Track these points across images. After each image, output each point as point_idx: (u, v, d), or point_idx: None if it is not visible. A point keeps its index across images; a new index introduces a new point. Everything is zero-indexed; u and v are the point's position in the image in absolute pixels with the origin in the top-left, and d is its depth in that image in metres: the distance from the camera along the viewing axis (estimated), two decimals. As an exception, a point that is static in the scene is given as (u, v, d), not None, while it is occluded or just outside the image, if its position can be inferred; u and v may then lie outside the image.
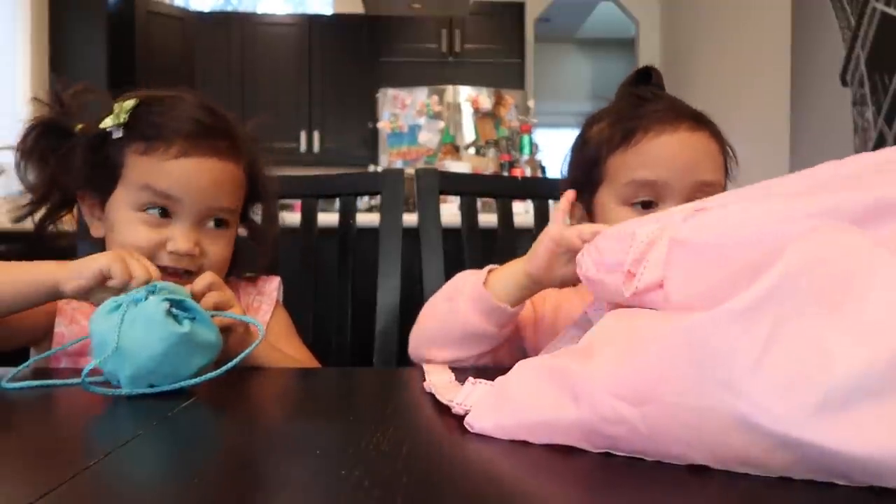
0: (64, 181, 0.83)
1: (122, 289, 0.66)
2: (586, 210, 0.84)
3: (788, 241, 0.37)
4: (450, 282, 0.80)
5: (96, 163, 0.81)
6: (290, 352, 0.85)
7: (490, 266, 0.77)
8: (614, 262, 0.56)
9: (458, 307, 0.75)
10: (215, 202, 0.80)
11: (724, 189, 0.81)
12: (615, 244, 0.57)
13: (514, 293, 0.73)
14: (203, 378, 0.60)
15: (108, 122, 0.79)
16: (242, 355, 0.62)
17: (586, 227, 0.66)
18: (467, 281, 0.76)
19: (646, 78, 0.86)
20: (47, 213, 0.85)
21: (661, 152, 0.77)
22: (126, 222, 0.79)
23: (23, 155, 0.82)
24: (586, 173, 0.82)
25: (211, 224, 0.81)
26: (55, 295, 0.69)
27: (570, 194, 0.76)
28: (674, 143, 0.77)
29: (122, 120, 0.79)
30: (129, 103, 0.80)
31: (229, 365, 0.61)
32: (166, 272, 0.77)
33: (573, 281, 0.70)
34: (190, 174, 0.78)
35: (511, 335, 0.79)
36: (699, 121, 0.80)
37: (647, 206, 0.77)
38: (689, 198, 0.75)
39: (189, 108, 0.82)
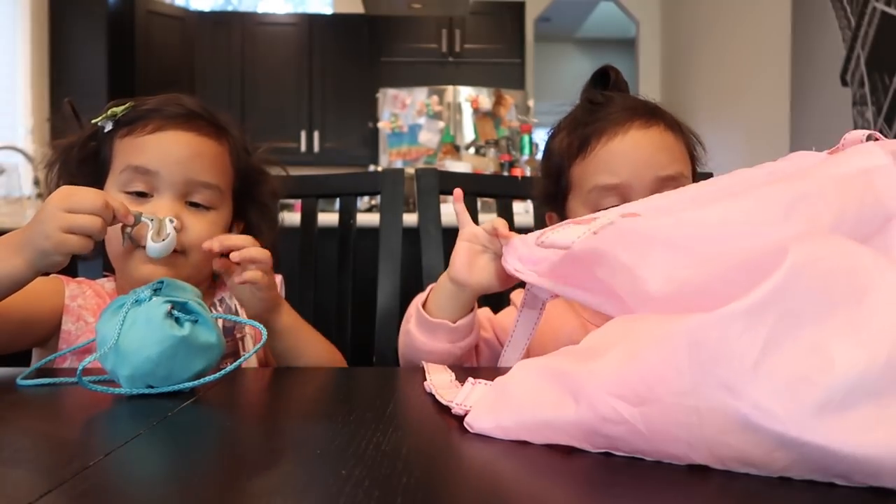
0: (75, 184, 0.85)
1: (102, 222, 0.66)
2: (561, 218, 0.84)
3: (786, 242, 0.37)
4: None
5: (93, 160, 0.83)
6: None
7: (433, 284, 0.78)
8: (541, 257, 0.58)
9: (410, 329, 0.76)
10: (194, 174, 0.81)
11: (691, 179, 0.81)
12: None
13: (446, 305, 0.74)
14: (201, 381, 0.60)
15: (99, 120, 0.81)
16: (242, 360, 0.63)
17: (497, 221, 0.68)
18: (415, 303, 0.78)
19: (604, 80, 0.86)
20: None
21: (616, 155, 0.78)
22: None
23: (51, 173, 0.85)
24: (554, 184, 0.83)
25: (196, 199, 0.81)
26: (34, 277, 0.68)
27: (458, 193, 0.76)
28: (627, 144, 0.78)
29: (109, 114, 0.81)
30: (125, 105, 0.82)
31: (228, 368, 0.61)
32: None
33: (497, 280, 0.70)
34: (165, 146, 0.80)
35: (481, 343, 0.80)
36: (652, 115, 0.80)
37: None
38: (654, 193, 0.76)
39: (175, 100, 0.84)
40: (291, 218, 1.09)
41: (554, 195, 0.85)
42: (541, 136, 3.64)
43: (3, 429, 0.52)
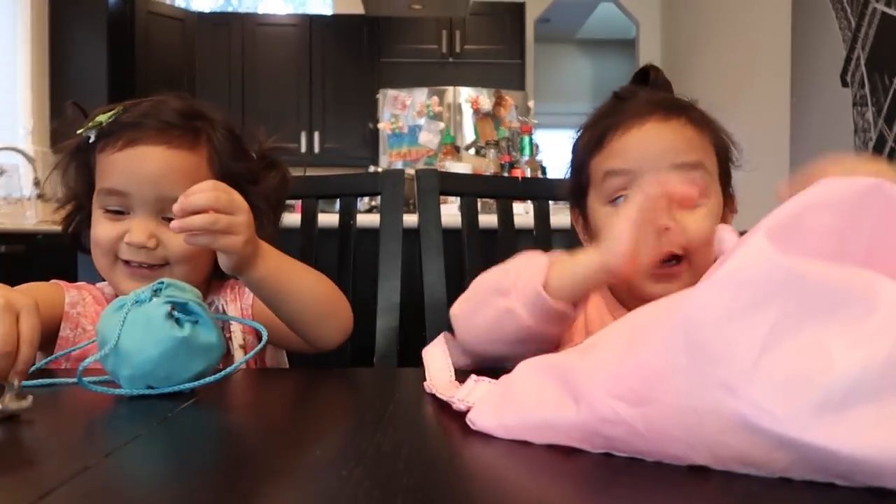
0: (75, 192, 0.86)
1: None
2: (583, 216, 0.84)
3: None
4: (504, 269, 0.69)
5: (84, 169, 0.84)
6: None
7: (551, 258, 0.67)
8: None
9: (512, 306, 0.65)
10: (166, 191, 0.77)
11: (716, 175, 0.78)
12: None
13: (574, 292, 0.65)
14: (201, 382, 0.59)
15: (83, 130, 0.81)
16: (242, 361, 0.63)
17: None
18: (525, 277, 0.65)
19: (644, 78, 0.85)
20: (81, 221, 0.88)
21: (629, 145, 0.76)
22: (95, 220, 0.81)
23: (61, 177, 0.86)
24: (577, 179, 0.83)
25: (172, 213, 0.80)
26: None
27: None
28: (641, 135, 0.75)
29: (93, 124, 0.80)
30: (111, 112, 0.81)
31: (228, 370, 0.61)
32: (130, 266, 0.79)
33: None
34: (134, 164, 0.79)
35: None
36: (675, 109, 0.78)
37: None
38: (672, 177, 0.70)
39: (159, 107, 0.82)
40: (291, 218, 1.09)
41: (576, 191, 0.83)
42: (541, 137, 3.64)
43: (4, 429, 0.52)
